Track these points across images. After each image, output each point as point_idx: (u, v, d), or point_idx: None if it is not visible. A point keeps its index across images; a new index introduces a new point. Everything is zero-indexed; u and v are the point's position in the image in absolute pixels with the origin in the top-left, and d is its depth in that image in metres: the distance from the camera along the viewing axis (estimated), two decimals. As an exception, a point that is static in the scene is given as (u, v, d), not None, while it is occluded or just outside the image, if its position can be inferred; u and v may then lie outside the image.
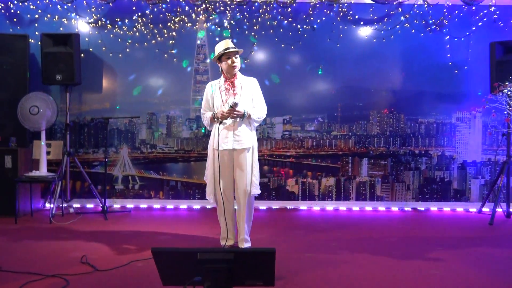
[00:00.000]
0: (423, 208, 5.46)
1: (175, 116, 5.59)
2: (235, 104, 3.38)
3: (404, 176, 5.55)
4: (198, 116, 5.54)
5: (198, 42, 5.48)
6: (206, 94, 3.62)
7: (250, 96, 3.55)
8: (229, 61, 3.46)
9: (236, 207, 3.68)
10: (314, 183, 5.56)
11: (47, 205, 5.21)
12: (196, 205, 5.45)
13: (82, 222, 4.62)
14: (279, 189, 5.56)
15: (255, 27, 5.41)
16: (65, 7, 5.34)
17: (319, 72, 5.50)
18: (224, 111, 3.41)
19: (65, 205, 5.07)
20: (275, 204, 5.49)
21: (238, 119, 3.47)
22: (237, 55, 3.52)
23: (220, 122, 3.47)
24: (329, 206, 5.49)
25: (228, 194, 3.59)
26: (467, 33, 5.43)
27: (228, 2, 5.34)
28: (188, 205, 5.46)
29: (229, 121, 3.48)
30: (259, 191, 3.61)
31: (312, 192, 5.56)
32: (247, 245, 3.61)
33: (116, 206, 5.42)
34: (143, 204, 5.46)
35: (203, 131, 5.56)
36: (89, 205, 5.39)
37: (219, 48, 3.50)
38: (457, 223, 4.83)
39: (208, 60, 5.52)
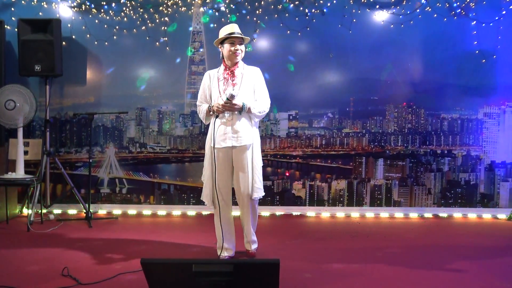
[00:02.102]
0: (445, 215, 5.43)
1: (168, 112, 5.58)
2: (232, 96, 3.35)
3: (424, 178, 5.52)
4: (193, 112, 5.56)
5: (196, 27, 5.46)
6: (203, 84, 3.62)
7: (252, 88, 3.54)
8: (232, 48, 3.44)
9: (234, 212, 3.72)
10: (323, 186, 5.53)
11: (25, 211, 5.21)
12: (191, 211, 5.43)
13: (64, 229, 4.61)
14: (284, 193, 5.54)
15: (257, 11, 5.38)
16: None
17: (331, 56, 5.47)
18: (220, 103, 3.40)
19: (44, 211, 5.05)
20: (280, 210, 5.47)
21: (236, 113, 3.45)
22: (242, 43, 3.51)
23: (217, 116, 3.47)
24: (340, 212, 5.46)
25: (225, 197, 3.58)
26: (497, 18, 5.37)
27: None
28: (182, 211, 5.44)
29: (227, 115, 3.46)
30: (263, 194, 3.62)
31: (321, 196, 5.54)
32: (254, 246, 3.70)
33: (102, 212, 5.41)
34: (132, 210, 5.45)
35: (199, 124, 5.55)
36: (72, 211, 5.38)
37: (223, 31, 3.50)
38: (484, 231, 4.81)
39: (202, 49, 5.54)
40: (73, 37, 5.40)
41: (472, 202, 5.50)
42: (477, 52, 5.42)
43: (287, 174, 5.58)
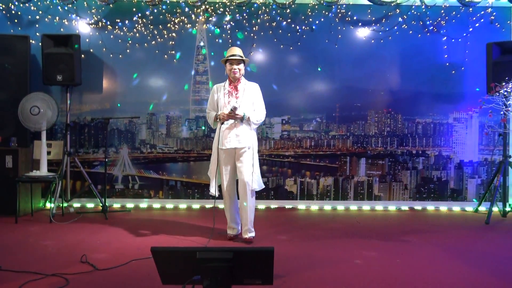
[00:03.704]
0: (420, 208, 5.47)
1: (175, 117, 5.59)
2: (235, 108, 3.66)
3: (401, 175, 5.56)
4: (197, 116, 5.59)
5: (200, 43, 5.49)
6: (212, 95, 3.90)
7: (251, 100, 3.82)
8: (230, 67, 3.77)
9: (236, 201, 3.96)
10: (312, 182, 5.57)
11: (48, 204, 5.20)
12: (196, 204, 5.45)
13: (82, 221, 4.61)
14: (278, 189, 5.58)
15: (254, 28, 5.44)
16: (66, 8, 5.36)
17: (319, 69, 5.50)
18: (226, 113, 3.70)
19: (65, 204, 5.06)
20: (274, 204, 5.50)
21: (238, 121, 3.73)
22: (241, 63, 3.78)
23: (222, 123, 3.75)
24: (327, 205, 5.49)
25: (230, 189, 3.85)
26: (464, 34, 5.44)
27: (228, 3, 5.35)
28: (188, 204, 5.46)
29: (231, 122, 3.75)
30: (263, 186, 3.88)
31: (310, 191, 5.57)
32: (251, 234, 3.84)
33: (116, 205, 5.42)
34: (143, 204, 5.47)
35: (203, 128, 5.57)
36: (89, 205, 5.39)
37: (227, 53, 3.82)
38: (454, 222, 4.83)
39: (211, 63, 5.53)
40: (91, 50, 5.43)
41: (443, 196, 5.55)
42: (447, 64, 5.48)
43: (280, 171, 5.59)
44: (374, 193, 5.55)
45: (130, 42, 5.42)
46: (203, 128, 5.58)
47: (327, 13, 5.43)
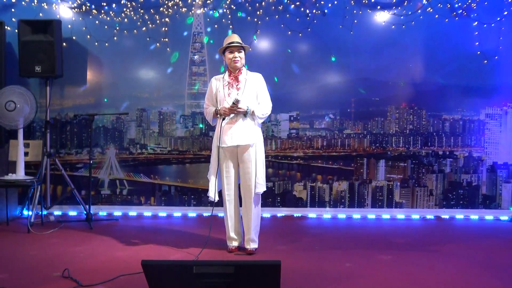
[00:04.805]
0: (447, 216, 5.43)
1: (168, 113, 5.60)
2: (237, 101, 3.64)
3: (426, 180, 5.52)
4: (194, 113, 5.61)
5: (196, 29, 5.49)
6: (210, 89, 3.92)
7: (255, 92, 3.82)
8: (231, 56, 3.75)
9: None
10: (324, 187, 5.55)
11: (25, 212, 5.20)
12: (192, 212, 5.44)
13: (64, 231, 4.61)
14: (285, 195, 5.55)
15: (258, 12, 5.39)
16: None
17: (333, 59, 5.46)
18: (227, 107, 3.69)
19: (45, 212, 5.03)
20: (281, 212, 5.48)
21: (241, 115, 3.73)
22: (241, 50, 3.79)
23: (223, 118, 3.74)
24: (342, 213, 5.47)
25: (231, 192, 3.85)
26: (498, 19, 5.37)
27: None
28: (183, 212, 5.45)
29: (232, 116, 3.73)
30: (265, 189, 3.85)
31: (322, 198, 5.55)
32: (254, 245, 3.85)
33: (102, 213, 5.42)
34: (132, 211, 5.46)
35: (200, 126, 5.58)
36: (72, 213, 5.38)
37: (225, 41, 3.83)
38: (487, 232, 4.81)
39: (208, 52, 5.55)
40: (74, 38, 5.41)
41: (474, 203, 5.50)
42: (478, 53, 5.41)
43: (288, 174, 5.61)
44: (395, 200, 5.51)
45: (117, 28, 5.40)
46: (201, 126, 5.57)
47: None
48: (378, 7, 5.43)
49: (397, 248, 4.14)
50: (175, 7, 5.41)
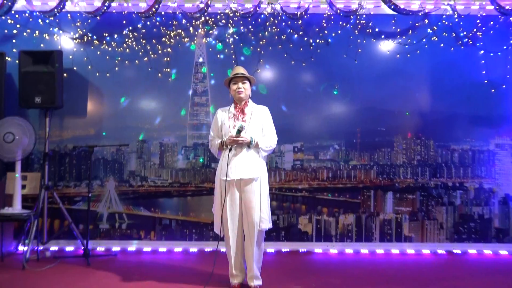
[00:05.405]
0: (459, 251, 5.37)
1: (170, 144, 5.60)
2: (242, 127, 3.70)
3: (436, 212, 5.49)
4: (196, 144, 5.61)
5: (198, 60, 5.56)
6: (215, 120, 3.97)
7: (260, 125, 3.86)
8: (235, 87, 3.83)
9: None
10: (330, 221, 5.51)
11: (21, 247, 5.14)
12: (193, 247, 5.39)
13: (61, 267, 4.56)
14: (290, 228, 5.52)
15: (261, 42, 5.49)
16: (47, 21, 5.41)
17: (335, 93, 5.52)
18: (233, 135, 3.71)
19: (41, 247, 5.00)
20: (286, 246, 5.43)
21: (245, 148, 3.75)
22: (246, 81, 3.85)
23: (230, 149, 3.75)
24: (349, 248, 5.42)
25: (234, 227, 3.81)
26: (505, 47, 5.46)
27: (231, 14, 5.42)
28: (184, 247, 5.40)
29: (235, 147, 3.74)
30: (270, 225, 3.82)
31: (328, 231, 5.50)
32: (258, 282, 3.82)
33: (100, 249, 5.37)
34: (132, 247, 5.43)
35: (201, 160, 5.58)
36: (69, 248, 5.34)
37: (231, 73, 3.91)
38: (501, 268, 4.72)
39: (212, 82, 5.59)
40: (75, 68, 5.48)
41: (487, 237, 5.44)
42: (486, 81, 5.48)
43: (293, 207, 5.56)
44: (404, 234, 5.47)
45: (119, 59, 5.48)
46: (201, 160, 5.58)
47: (345, 24, 5.49)
48: (382, 36, 5.53)
49: (408, 286, 4.03)
50: (177, 37, 5.49)
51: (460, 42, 5.48)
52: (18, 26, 5.39)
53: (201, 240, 5.43)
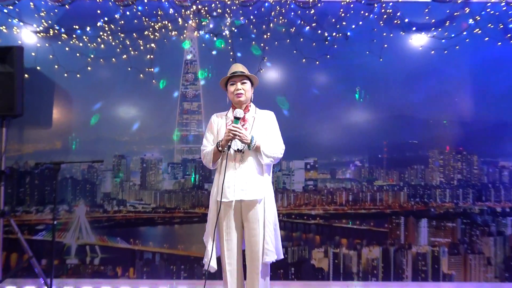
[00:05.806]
0: (512, 292, 5.00)
1: (153, 160, 5.30)
2: (242, 115, 3.48)
3: (481, 244, 5.16)
4: (185, 160, 5.41)
5: (188, 57, 5.26)
6: (210, 126, 3.73)
7: (264, 132, 3.62)
8: (232, 88, 3.58)
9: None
10: (351, 255, 5.18)
11: (-32, 289, 4.78)
12: (182, 286, 5.10)
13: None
14: (301, 264, 5.19)
15: (265, 36, 5.15)
16: (5, 10, 5.10)
17: (356, 97, 5.22)
18: (231, 128, 3.44)
19: (-7, 288, 4.63)
20: (296, 286, 5.11)
21: (245, 162, 3.49)
22: (246, 82, 3.61)
23: (228, 148, 3.47)
24: (374, 289, 5.02)
25: (233, 261, 3.56)
26: None
27: (228, 2, 5.13)
28: (170, 286, 5.11)
29: (236, 163, 3.50)
30: (277, 257, 3.55)
31: (348, 268, 5.16)
32: None
33: (68, 289, 4.99)
34: (106, 287, 5.11)
35: (192, 180, 5.30)
36: (29, 288, 4.96)
37: (228, 72, 3.67)
38: None
39: (202, 82, 5.27)
40: (38, 68, 5.22)
41: (545, 275, 5.03)
42: (542, 83, 5.14)
43: (304, 237, 5.20)
44: (442, 271, 5.12)
45: (92, 56, 5.21)
46: (192, 180, 5.27)
47: (367, 14, 5.16)
48: (414, 28, 5.20)
49: None
50: (163, 30, 5.23)
51: (509, 35, 5.13)
52: (-31, 18, 5.15)
53: (192, 279, 5.11)
